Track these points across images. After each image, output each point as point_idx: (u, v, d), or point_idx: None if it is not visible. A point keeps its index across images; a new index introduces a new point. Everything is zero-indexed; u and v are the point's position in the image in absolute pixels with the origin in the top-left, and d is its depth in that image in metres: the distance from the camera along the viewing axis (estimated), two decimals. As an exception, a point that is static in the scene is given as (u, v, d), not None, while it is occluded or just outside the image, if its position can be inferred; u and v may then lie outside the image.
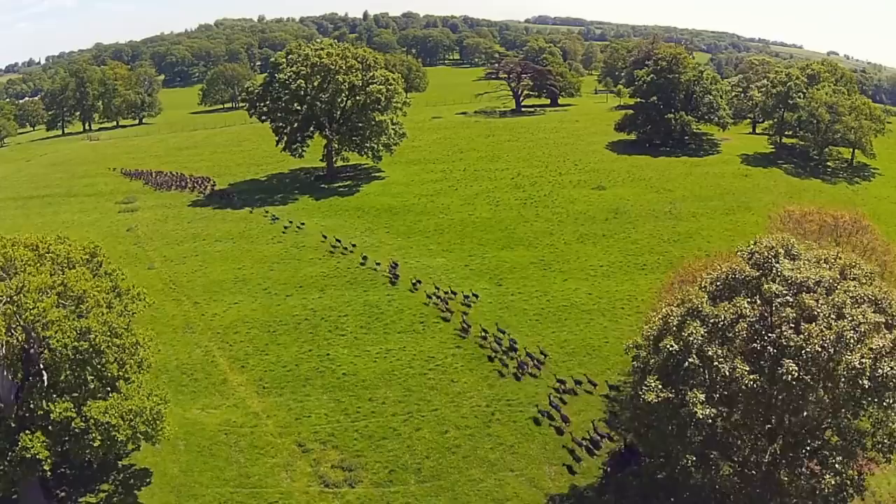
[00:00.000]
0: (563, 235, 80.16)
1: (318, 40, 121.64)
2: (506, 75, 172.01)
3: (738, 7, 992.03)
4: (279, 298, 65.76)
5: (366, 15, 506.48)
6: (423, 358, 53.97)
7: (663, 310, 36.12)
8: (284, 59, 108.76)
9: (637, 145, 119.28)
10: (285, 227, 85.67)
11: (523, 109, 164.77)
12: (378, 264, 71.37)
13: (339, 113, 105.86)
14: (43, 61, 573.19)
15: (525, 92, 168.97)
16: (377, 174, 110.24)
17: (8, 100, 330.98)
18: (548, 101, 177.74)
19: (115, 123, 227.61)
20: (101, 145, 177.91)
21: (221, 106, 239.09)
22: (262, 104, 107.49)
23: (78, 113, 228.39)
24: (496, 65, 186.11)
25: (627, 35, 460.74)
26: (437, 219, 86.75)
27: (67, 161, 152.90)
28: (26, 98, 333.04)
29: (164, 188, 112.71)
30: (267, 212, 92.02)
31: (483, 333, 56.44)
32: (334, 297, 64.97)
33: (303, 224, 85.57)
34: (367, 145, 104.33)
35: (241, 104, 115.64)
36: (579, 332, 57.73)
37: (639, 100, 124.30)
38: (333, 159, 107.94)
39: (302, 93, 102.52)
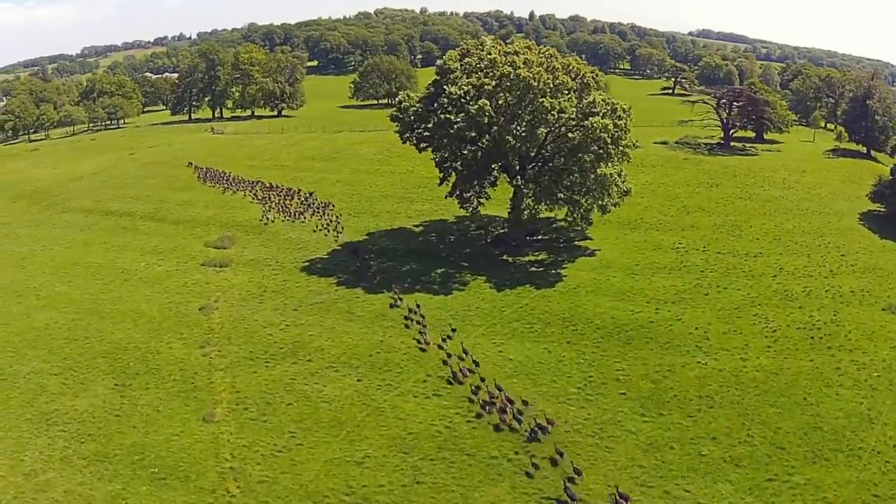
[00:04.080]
0: (892, 428, 41.39)
1: (482, 38, 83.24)
2: (713, 100, 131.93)
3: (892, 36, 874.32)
4: None
5: (532, 15, 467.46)
6: None
7: None
8: (458, 64, 71.48)
9: (893, 222, 78.38)
10: (446, 357, 50.27)
11: (732, 145, 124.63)
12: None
13: (535, 151, 69.67)
14: (194, 36, 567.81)
15: (735, 123, 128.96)
16: (581, 242, 72.96)
17: (143, 75, 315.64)
18: (752, 134, 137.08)
19: (250, 113, 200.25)
20: (222, 141, 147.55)
21: (375, 101, 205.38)
22: (421, 127, 71.32)
23: (207, 98, 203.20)
24: (694, 88, 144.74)
25: (791, 57, 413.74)
26: (697, 366, 48.30)
27: (174, 160, 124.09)
28: (165, 74, 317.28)
29: (266, 215, 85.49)
30: (414, 312, 56.42)
31: None
32: None
33: (476, 364, 48.63)
34: (579, 202, 66.89)
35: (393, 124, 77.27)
36: None
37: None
38: (523, 216, 71.08)
39: (485, 119, 65.49)
